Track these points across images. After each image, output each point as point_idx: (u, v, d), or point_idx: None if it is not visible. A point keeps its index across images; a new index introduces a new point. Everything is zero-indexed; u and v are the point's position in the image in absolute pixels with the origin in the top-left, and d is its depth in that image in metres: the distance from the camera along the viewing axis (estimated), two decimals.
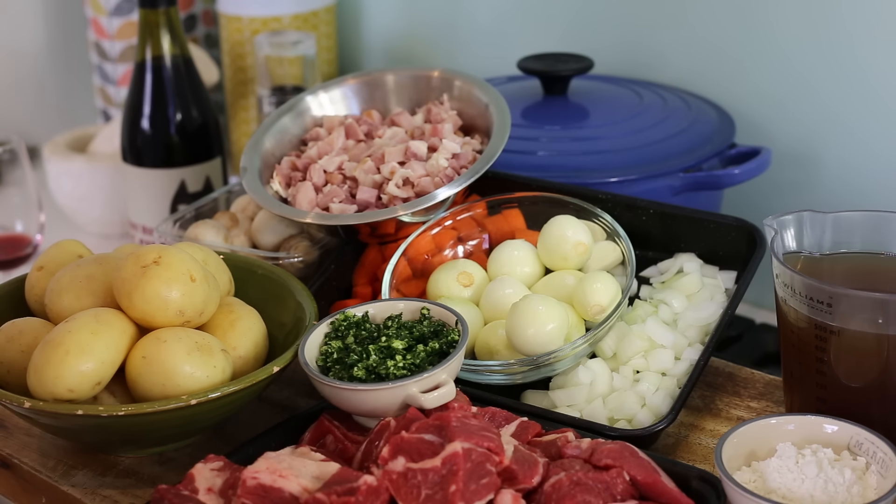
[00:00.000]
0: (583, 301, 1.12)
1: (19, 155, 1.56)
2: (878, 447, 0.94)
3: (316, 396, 1.06)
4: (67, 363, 1.00)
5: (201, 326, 1.08)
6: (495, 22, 1.78)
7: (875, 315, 0.97)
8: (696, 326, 1.14)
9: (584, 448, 0.95)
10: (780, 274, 1.02)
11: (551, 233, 1.19)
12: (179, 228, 1.35)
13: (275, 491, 0.90)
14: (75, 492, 1.06)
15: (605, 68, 1.60)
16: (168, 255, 1.04)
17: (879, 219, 1.07)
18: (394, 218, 1.22)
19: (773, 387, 1.16)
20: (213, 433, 1.12)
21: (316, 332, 1.06)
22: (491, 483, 0.88)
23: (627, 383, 1.11)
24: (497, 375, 1.10)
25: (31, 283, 1.14)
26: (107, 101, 1.94)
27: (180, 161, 1.55)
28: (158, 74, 1.52)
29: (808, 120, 1.50)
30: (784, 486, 0.92)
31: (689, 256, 1.22)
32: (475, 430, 0.91)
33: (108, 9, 1.87)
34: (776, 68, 1.51)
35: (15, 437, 1.14)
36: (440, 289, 1.18)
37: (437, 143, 1.29)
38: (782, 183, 1.52)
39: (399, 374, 1.00)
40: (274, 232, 1.32)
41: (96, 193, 1.73)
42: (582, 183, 1.33)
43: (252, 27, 1.81)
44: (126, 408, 0.99)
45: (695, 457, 1.07)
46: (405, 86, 1.41)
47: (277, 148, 1.37)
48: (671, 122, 1.45)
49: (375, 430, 0.97)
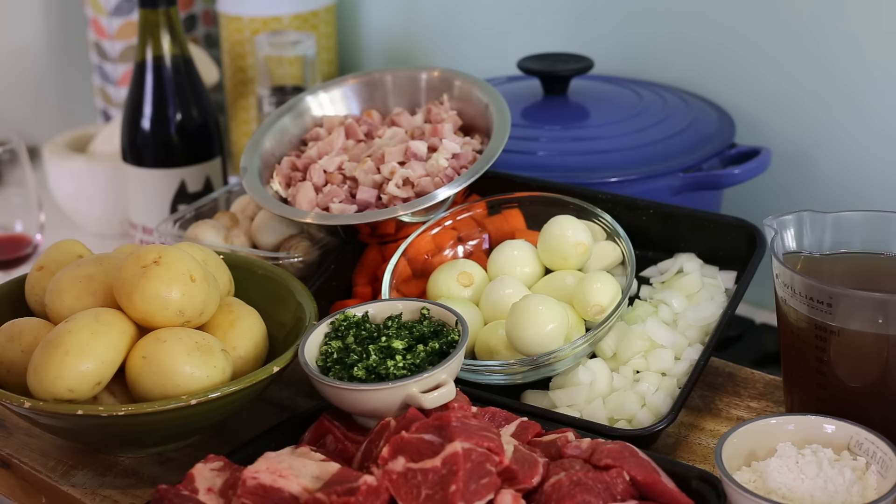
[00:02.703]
0: (583, 301, 1.12)
1: (19, 155, 1.56)
2: (878, 447, 0.93)
3: (316, 396, 1.06)
4: (67, 363, 1.00)
5: (201, 326, 1.08)
6: (495, 22, 1.78)
7: (875, 315, 0.97)
8: (696, 326, 1.14)
9: (584, 448, 0.95)
10: (780, 274, 1.02)
11: (551, 233, 1.19)
12: (179, 228, 1.35)
13: (275, 491, 0.90)
14: (75, 492, 1.06)
15: (605, 68, 1.60)
16: (168, 255, 1.04)
17: (879, 219, 1.07)
18: (394, 218, 1.22)
19: (773, 387, 1.16)
20: (213, 433, 1.12)
21: (316, 332, 1.06)
22: (491, 483, 0.88)
23: (627, 383, 1.11)
24: (497, 375, 1.10)
25: (31, 283, 1.14)
26: (107, 101, 1.94)
27: (180, 161, 1.54)
28: (158, 74, 1.52)
29: (808, 120, 1.50)
30: (784, 486, 0.92)
31: (689, 256, 1.22)
32: (475, 430, 0.91)
33: (108, 9, 1.87)
34: (776, 68, 1.51)
35: (15, 437, 1.14)
36: (440, 289, 1.18)
37: (437, 143, 1.29)
38: (782, 183, 1.52)
39: (399, 374, 1.00)
40: (274, 232, 1.32)
41: (96, 193, 1.73)
42: (582, 183, 1.33)
43: (252, 27, 1.81)
44: (126, 408, 0.99)
45: (695, 457, 1.07)
46: (405, 86, 1.40)
47: (277, 148, 1.37)
48: (671, 122, 1.45)
49: (375, 430, 0.97)
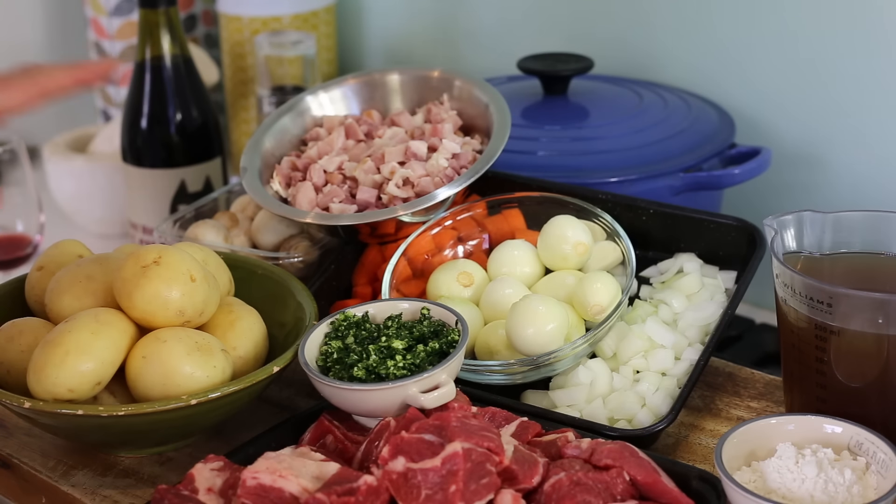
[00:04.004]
0: (583, 301, 1.12)
1: (19, 155, 1.56)
2: (878, 447, 0.93)
3: (316, 396, 1.06)
4: (67, 363, 1.00)
5: (201, 326, 1.08)
6: (495, 22, 1.78)
7: (875, 315, 0.97)
8: (696, 326, 1.14)
9: (584, 448, 0.95)
10: (780, 274, 1.02)
11: (551, 233, 1.19)
12: (179, 228, 1.35)
13: (275, 491, 0.90)
14: (75, 492, 1.06)
15: (605, 68, 1.60)
16: (168, 255, 1.04)
17: (879, 219, 1.07)
18: (394, 218, 1.22)
19: (773, 387, 1.16)
20: (213, 433, 1.12)
21: (316, 332, 1.06)
22: (491, 483, 0.88)
23: (627, 383, 1.11)
24: (497, 375, 1.10)
25: (31, 283, 1.14)
26: (107, 101, 1.94)
27: (180, 161, 1.54)
28: (158, 74, 1.52)
29: (808, 120, 1.50)
30: (784, 486, 0.92)
31: (689, 256, 1.22)
32: (475, 430, 0.91)
33: (108, 9, 1.87)
34: (776, 68, 1.51)
35: (15, 437, 1.14)
36: (440, 289, 1.18)
37: (437, 143, 1.29)
38: (782, 183, 1.52)
39: (399, 374, 1.00)
40: (274, 232, 1.32)
41: (96, 193, 1.72)
42: (582, 183, 1.32)
43: (252, 27, 1.81)
44: (126, 408, 0.99)
45: (695, 457, 1.07)
46: (405, 86, 1.40)
47: (277, 148, 1.37)
48: (671, 122, 1.45)
49: (375, 430, 0.97)
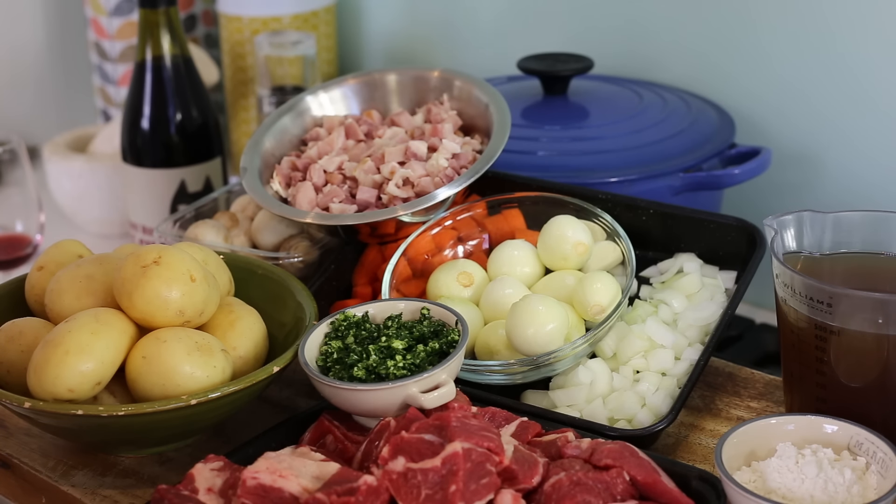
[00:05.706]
0: (583, 301, 1.12)
1: (19, 155, 1.56)
2: (878, 447, 0.93)
3: (316, 396, 1.06)
4: (67, 363, 1.00)
5: (201, 326, 1.08)
6: (495, 22, 1.78)
7: (875, 315, 0.97)
8: (696, 326, 1.14)
9: (584, 448, 0.95)
10: (780, 274, 1.02)
11: (551, 233, 1.19)
12: (179, 228, 1.35)
13: (275, 491, 0.90)
14: (75, 492, 1.06)
15: (605, 68, 1.60)
16: (168, 255, 1.04)
17: (879, 219, 1.07)
18: (394, 218, 1.22)
19: (773, 387, 1.16)
20: (213, 433, 1.12)
21: (316, 332, 1.06)
22: (491, 483, 0.88)
23: (627, 383, 1.11)
24: (497, 375, 1.10)
25: (31, 283, 1.14)
26: (107, 101, 1.94)
27: (180, 161, 1.54)
28: (158, 74, 1.52)
29: (808, 120, 1.50)
30: (784, 486, 0.92)
31: (689, 256, 1.22)
32: (475, 430, 0.91)
33: (108, 9, 1.87)
34: (776, 69, 1.51)
35: (15, 437, 1.14)
36: (440, 289, 1.18)
37: (437, 143, 1.29)
38: (782, 183, 1.52)
39: (399, 374, 1.00)
40: (274, 232, 1.32)
41: (96, 193, 1.73)
42: (582, 183, 1.33)
43: (252, 27, 1.81)
44: (126, 408, 0.99)
45: (695, 457, 1.07)
46: (405, 86, 1.40)
47: (277, 148, 1.37)
48: (671, 122, 1.45)
49: (375, 430, 0.97)
